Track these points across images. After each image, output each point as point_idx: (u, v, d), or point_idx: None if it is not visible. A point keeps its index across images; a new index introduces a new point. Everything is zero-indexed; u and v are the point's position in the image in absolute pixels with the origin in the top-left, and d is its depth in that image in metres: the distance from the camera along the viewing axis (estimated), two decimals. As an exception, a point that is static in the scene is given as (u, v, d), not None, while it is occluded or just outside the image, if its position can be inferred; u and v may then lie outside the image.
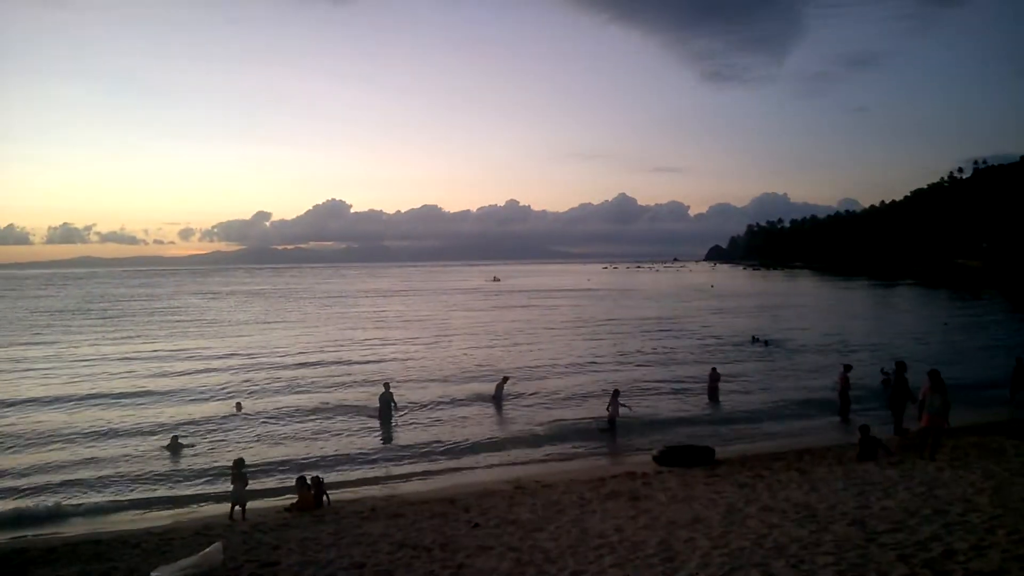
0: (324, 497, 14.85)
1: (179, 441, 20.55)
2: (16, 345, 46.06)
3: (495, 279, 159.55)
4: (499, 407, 24.79)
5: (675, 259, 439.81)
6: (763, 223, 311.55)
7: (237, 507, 14.41)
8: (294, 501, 14.79)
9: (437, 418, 23.68)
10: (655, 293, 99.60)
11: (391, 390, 23.11)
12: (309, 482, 15.02)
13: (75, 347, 44.49)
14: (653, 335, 46.03)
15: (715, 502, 12.21)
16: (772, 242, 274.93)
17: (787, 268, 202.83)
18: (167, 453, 19.94)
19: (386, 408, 22.65)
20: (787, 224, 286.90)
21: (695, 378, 28.94)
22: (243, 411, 24.70)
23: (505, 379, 26.36)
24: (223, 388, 29.34)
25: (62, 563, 11.37)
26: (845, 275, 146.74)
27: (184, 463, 19.15)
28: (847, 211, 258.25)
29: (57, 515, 15.30)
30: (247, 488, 14.81)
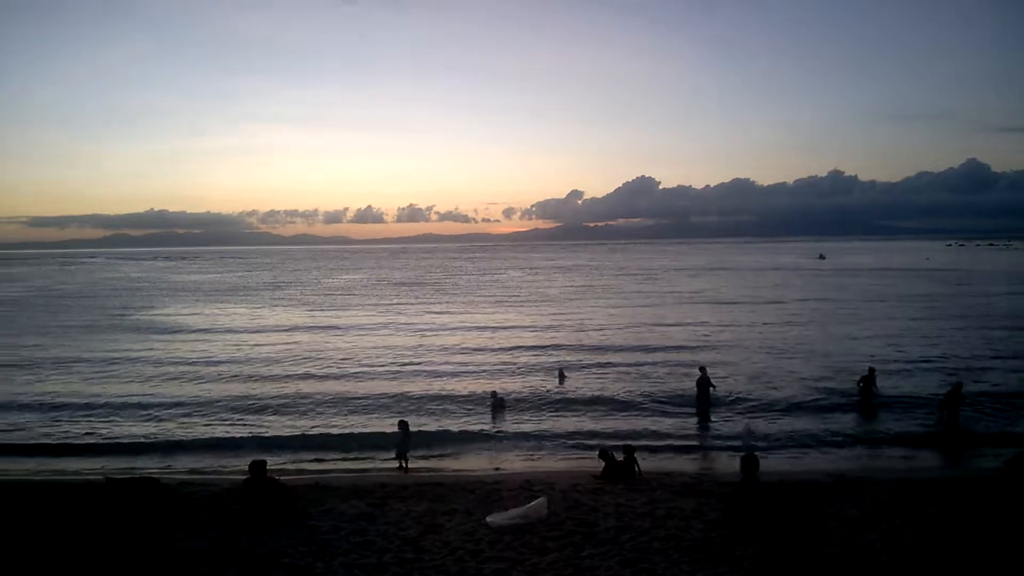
0: (636, 467, 15.06)
1: (501, 400, 22.45)
2: (367, 309, 54.43)
3: (820, 256, 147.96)
4: (867, 404, 21.87)
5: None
6: None
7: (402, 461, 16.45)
8: (600, 470, 15.21)
9: (769, 404, 22.29)
10: None
11: (707, 374, 22.44)
12: (621, 453, 15.30)
13: (414, 314, 51.18)
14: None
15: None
16: None
17: None
18: (489, 411, 22.00)
19: (704, 392, 22.06)
20: None
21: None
22: (566, 380, 25.96)
23: (872, 371, 22.78)
24: (545, 357, 31.22)
25: (413, 500, 13.08)
26: None
27: (503, 423, 20.96)
28: None
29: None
30: (409, 444, 16.69)
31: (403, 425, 16.99)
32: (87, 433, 20.41)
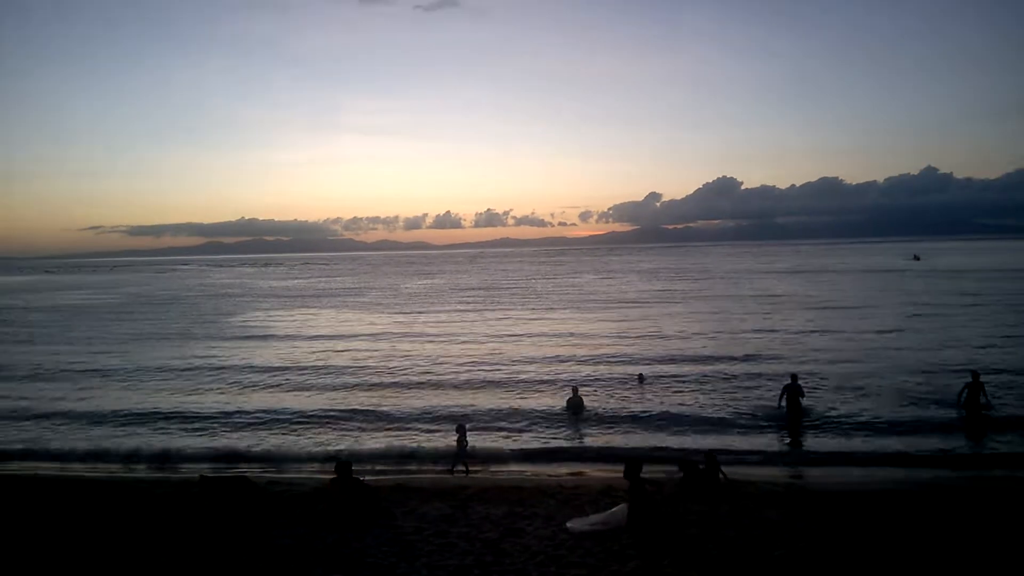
0: (720, 475, 14.68)
1: (581, 401, 22.32)
2: (444, 314, 55.15)
3: (915, 257, 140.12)
4: (974, 417, 20.42)
5: None
6: None
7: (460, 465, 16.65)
8: (680, 477, 14.87)
9: (862, 417, 21.06)
10: None
11: (799, 382, 21.53)
12: (703, 461, 14.93)
13: (490, 320, 51.48)
14: None
15: None
16: None
17: None
18: (568, 413, 21.97)
19: (793, 401, 21.05)
20: None
21: None
22: (645, 382, 25.76)
23: (977, 376, 21.31)
24: (626, 358, 31.09)
25: (494, 503, 13.16)
26: None
27: (584, 424, 20.85)
28: None
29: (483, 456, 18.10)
30: (468, 448, 16.87)
31: (461, 430, 17.13)
32: (178, 437, 21.37)
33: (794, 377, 21.67)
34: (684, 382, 26.09)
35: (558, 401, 23.31)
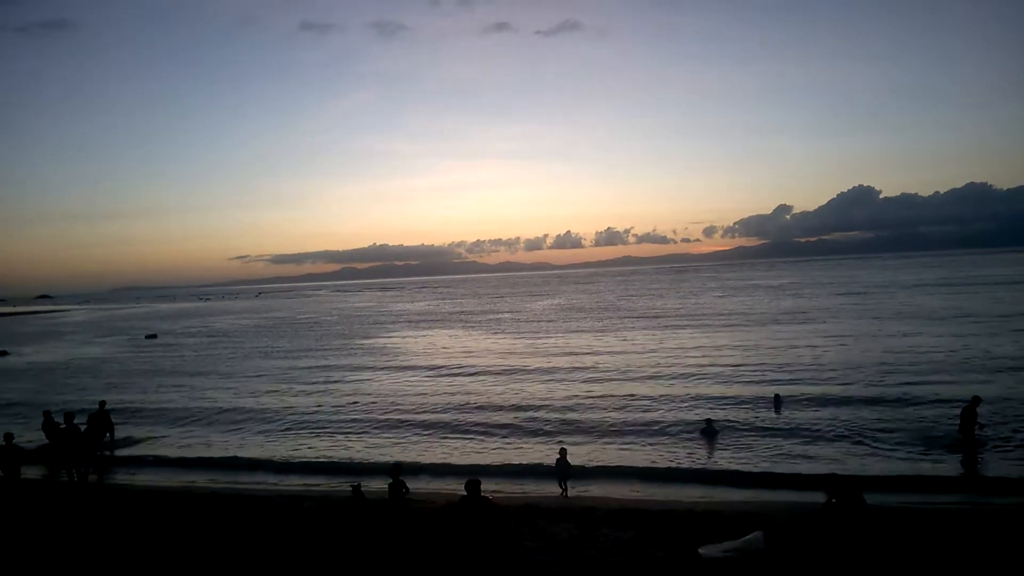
0: (862, 504, 13.74)
1: (713, 426, 21.63)
2: (563, 335, 55.01)
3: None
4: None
5: None
6: None
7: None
8: (823, 503, 14.03)
9: None
10: None
11: (977, 405, 19.24)
12: (845, 488, 14.03)
13: (612, 340, 50.86)
14: None
15: None
16: None
17: None
18: (701, 436, 21.29)
19: (967, 424, 19.24)
20: None
21: None
22: (783, 408, 24.35)
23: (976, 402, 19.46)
24: (757, 383, 29.36)
25: (622, 526, 12.91)
26: None
27: (717, 448, 20.13)
28: None
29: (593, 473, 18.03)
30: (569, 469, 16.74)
31: (563, 452, 17.07)
32: (326, 450, 22.56)
33: (975, 400, 19.47)
34: (825, 403, 24.46)
35: (691, 425, 22.66)
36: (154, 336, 75.20)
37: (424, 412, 27.19)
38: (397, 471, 13.81)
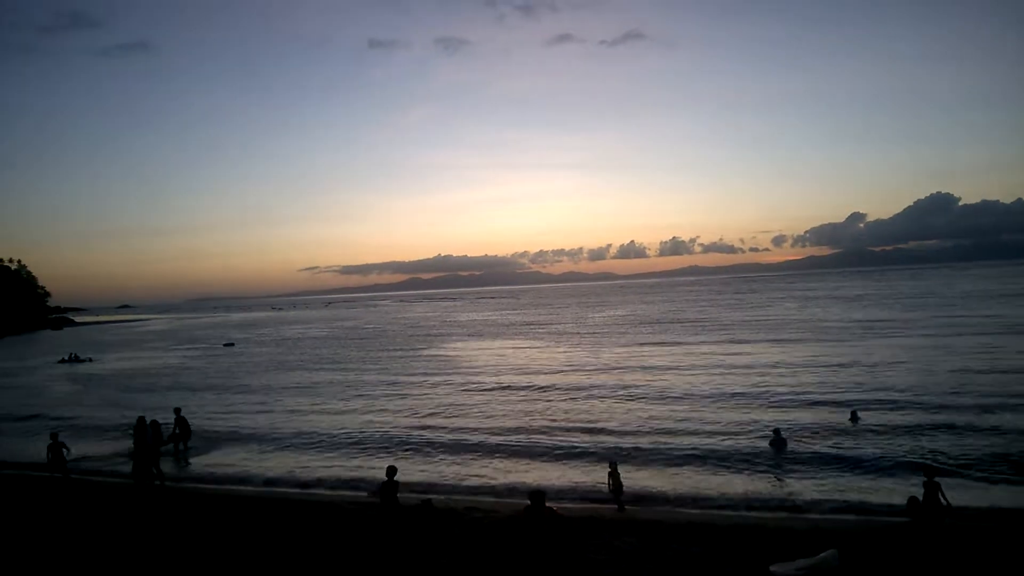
0: (942, 499, 13.06)
1: (781, 435, 20.96)
2: (626, 347, 54.39)
3: None
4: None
5: None
6: None
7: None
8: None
9: None
10: None
11: None
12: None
13: (676, 352, 50.01)
14: None
15: None
16: None
17: None
18: (769, 447, 20.72)
19: None
20: None
21: None
22: (859, 422, 23.44)
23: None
24: (829, 397, 28.15)
25: (689, 540, 12.68)
26: None
27: (787, 464, 19.45)
28: None
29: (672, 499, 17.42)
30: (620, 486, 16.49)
31: (613, 465, 16.95)
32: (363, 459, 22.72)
33: None
34: (904, 419, 23.32)
35: (761, 435, 22.04)
36: (232, 344, 78.06)
37: (488, 433, 25.87)
38: (392, 472, 14.39)
